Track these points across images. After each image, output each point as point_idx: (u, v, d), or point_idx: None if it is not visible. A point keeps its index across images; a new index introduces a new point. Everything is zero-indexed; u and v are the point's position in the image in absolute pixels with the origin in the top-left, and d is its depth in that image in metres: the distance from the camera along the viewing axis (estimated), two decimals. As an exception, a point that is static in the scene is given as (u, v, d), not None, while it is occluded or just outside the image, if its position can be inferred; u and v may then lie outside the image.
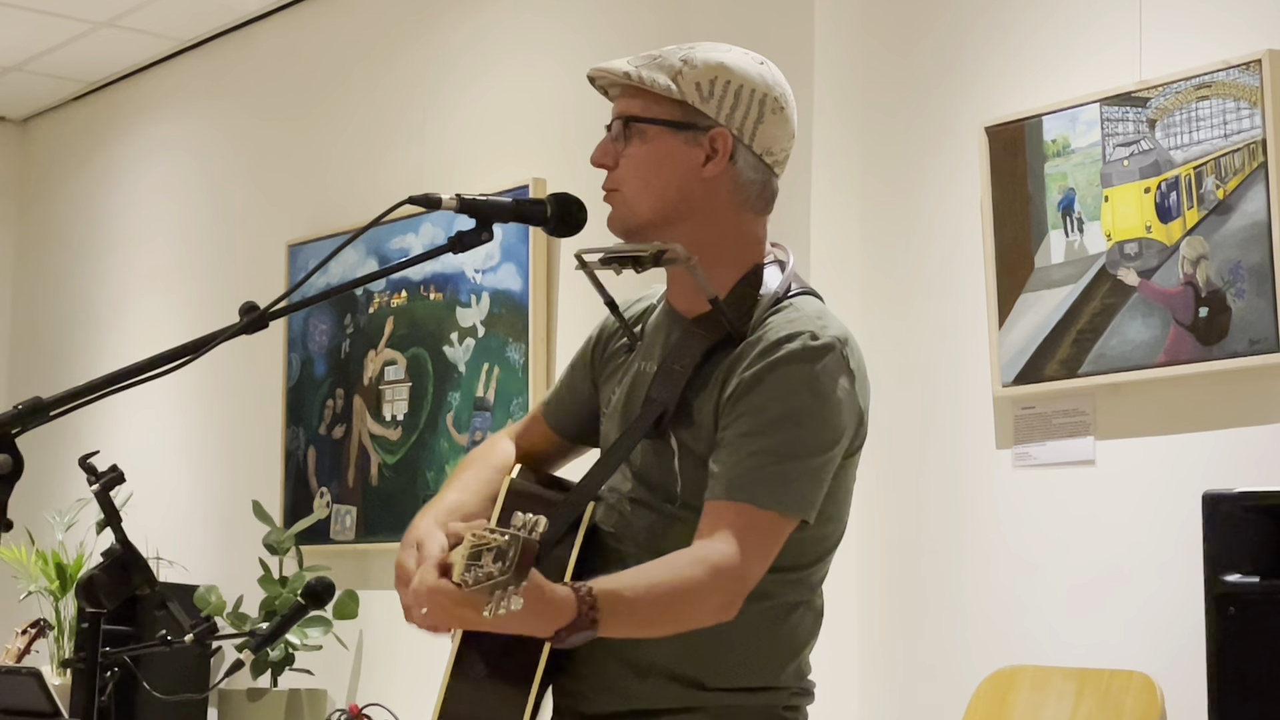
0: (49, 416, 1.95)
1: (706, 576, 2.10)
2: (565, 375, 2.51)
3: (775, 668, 2.27)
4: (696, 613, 2.12)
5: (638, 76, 2.26)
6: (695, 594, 2.10)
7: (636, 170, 2.28)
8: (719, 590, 2.12)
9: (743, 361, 2.22)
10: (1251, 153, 3.38)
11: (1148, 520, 3.55)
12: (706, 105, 2.25)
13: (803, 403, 2.18)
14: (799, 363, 2.19)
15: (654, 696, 2.24)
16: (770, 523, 2.16)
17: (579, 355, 2.50)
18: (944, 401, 3.95)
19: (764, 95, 2.27)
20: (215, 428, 6.15)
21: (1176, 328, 3.48)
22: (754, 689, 2.26)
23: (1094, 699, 3.35)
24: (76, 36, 6.41)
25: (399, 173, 5.42)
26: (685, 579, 2.09)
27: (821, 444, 2.19)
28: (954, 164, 3.96)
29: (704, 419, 2.23)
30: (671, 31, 4.54)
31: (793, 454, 2.17)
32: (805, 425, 2.18)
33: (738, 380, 2.21)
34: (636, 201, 2.28)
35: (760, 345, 2.22)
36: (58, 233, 7.25)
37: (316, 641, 5.01)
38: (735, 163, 2.27)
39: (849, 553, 3.96)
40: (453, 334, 5.14)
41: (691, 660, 2.23)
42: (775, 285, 2.30)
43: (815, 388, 2.19)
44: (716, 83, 2.26)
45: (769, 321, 2.25)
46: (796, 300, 2.30)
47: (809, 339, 2.21)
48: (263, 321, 2.08)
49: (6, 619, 5.89)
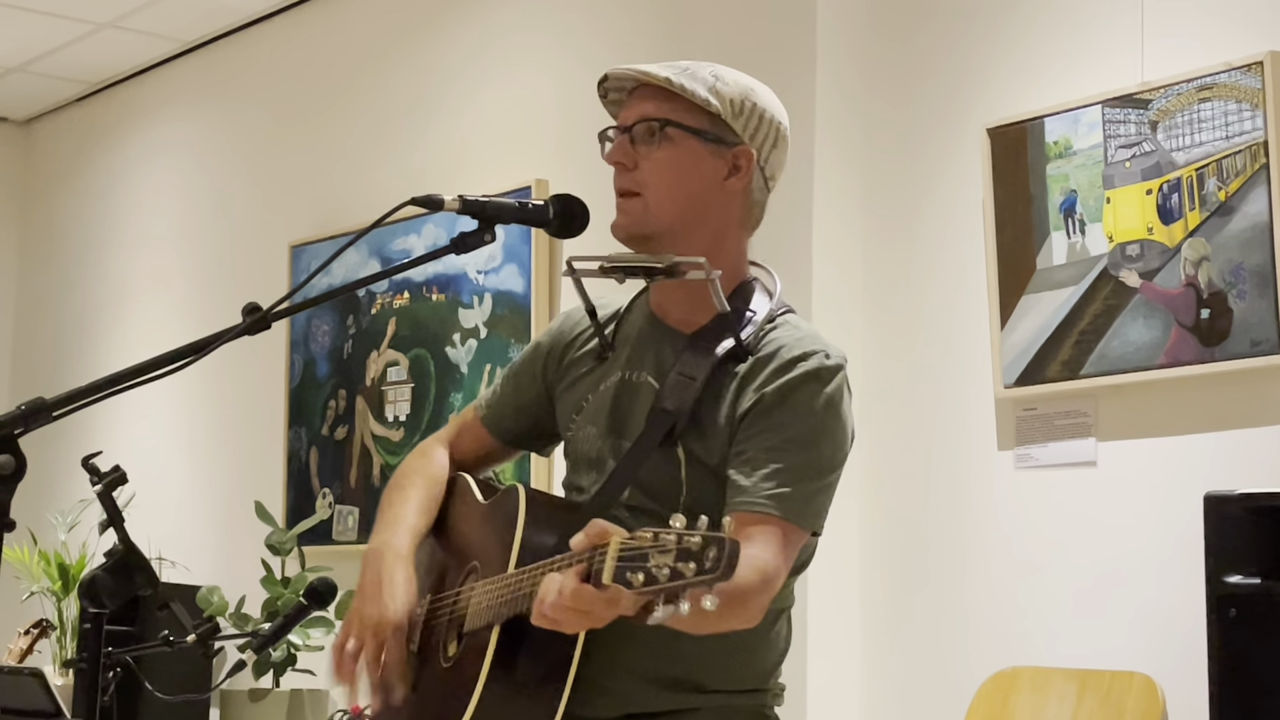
0: (52, 417, 1.95)
1: (759, 582, 2.13)
2: (506, 381, 2.55)
3: (766, 671, 2.35)
4: (743, 615, 2.14)
5: (679, 84, 2.30)
6: (748, 597, 2.12)
7: (662, 174, 2.30)
8: (764, 597, 2.16)
9: (757, 376, 2.26)
10: (1253, 154, 3.38)
11: (1149, 521, 3.55)
12: (736, 122, 2.31)
13: (822, 423, 2.24)
14: (817, 382, 2.25)
15: (656, 700, 2.27)
16: (798, 537, 2.22)
17: (525, 362, 2.53)
18: (945, 403, 3.95)
19: (779, 124, 2.36)
20: (218, 428, 6.15)
21: (1178, 329, 3.48)
22: (747, 690, 2.32)
23: (1095, 700, 3.36)
24: (79, 38, 6.41)
25: (401, 174, 5.42)
26: (744, 582, 2.08)
27: (835, 462, 2.26)
28: (956, 165, 3.97)
29: (716, 430, 2.26)
30: (674, 35, 4.55)
31: (816, 472, 2.22)
32: (823, 444, 2.24)
33: (756, 395, 2.25)
34: (660, 206, 2.31)
35: (775, 362, 2.26)
36: (60, 234, 7.25)
37: (319, 642, 5.01)
38: (751, 181, 2.34)
39: (851, 554, 3.97)
40: (455, 335, 5.14)
41: (696, 666, 2.27)
42: (764, 302, 2.35)
43: (831, 408, 2.25)
44: (745, 103, 2.32)
45: (772, 337, 2.30)
46: (789, 317, 2.36)
47: (824, 358, 2.27)
48: (265, 322, 2.09)
49: (9, 619, 5.89)
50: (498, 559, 2.28)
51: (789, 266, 3.18)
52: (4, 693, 4.85)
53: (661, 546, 1.82)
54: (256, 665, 4.94)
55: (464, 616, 2.30)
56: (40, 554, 5.75)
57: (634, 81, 2.35)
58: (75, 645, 5.61)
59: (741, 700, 2.31)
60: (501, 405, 2.55)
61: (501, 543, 2.29)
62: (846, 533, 3.96)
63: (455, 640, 2.32)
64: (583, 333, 2.48)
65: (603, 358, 2.42)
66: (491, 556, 2.31)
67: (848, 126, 4.15)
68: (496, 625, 2.19)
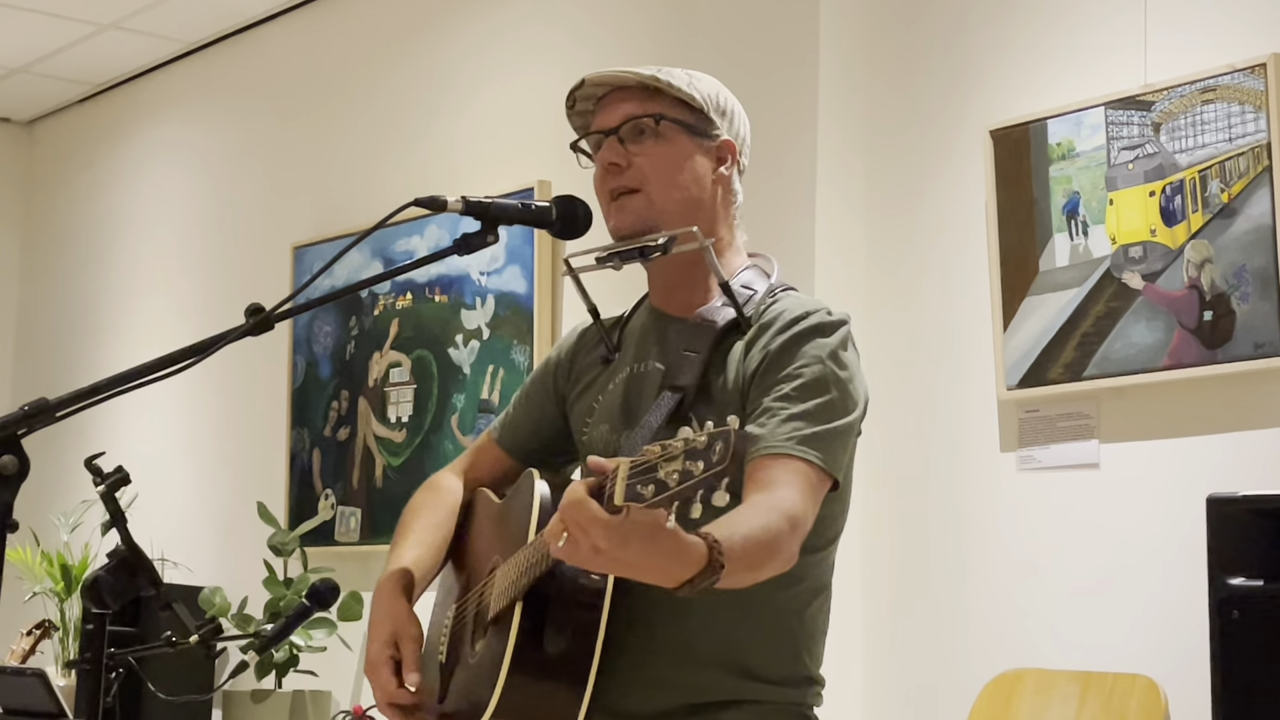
0: (55, 418, 1.95)
1: (787, 525, 2.12)
2: (521, 401, 2.57)
3: (806, 654, 2.33)
4: (777, 561, 2.12)
5: (665, 81, 2.34)
6: (779, 542, 2.11)
7: (659, 168, 2.34)
8: (795, 538, 2.14)
9: (762, 338, 2.29)
10: (1256, 156, 3.38)
11: (1152, 523, 3.55)
12: (716, 116, 2.38)
13: (830, 370, 2.26)
14: (822, 334, 2.28)
15: (707, 689, 2.26)
16: (819, 478, 2.20)
17: (536, 379, 2.56)
18: (948, 404, 3.95)
19: (746, 123, 2.44)
20: (220, 429, 6.15)
21: (1181, 331, 3.48)
22: (789, 680, 2.30)
23: (1098, 702, 3.35)
24: (82, 38, 6.42)
25: (404, 175, 5.42)
26: (772, 527, 2.09)
27: (847, 408, 2.27)
28: (959, 167, 3.97)
29: (726, 397, 2.28)
30: (676, 36, 4.55)
31: (828, 417, 2.23)
32: (834, 391, 2.25)
33: (764, 353, 2.27)
34: (663, 198, 2.34)
35: (779, 322, 2.29)
36: (63, 235, 7.25)
37: (321, 643, 5.01)
38: (734, 173, 2.41)
39: (854, 556, 3.97)
40: (457, 336, 5.14)
41: (740, 648, 2.26)
42: (763, 282, 2.38)
43: (838, 357, 2.28)
44: (720, 97, 2.40)
45: (774, 307, 2.33)
46: (789, 292, 2.39)
47: (825, 314, 2.30)
48: (268, 323, 2.09)
49: (11, 620, 5.89)
50: (519, 538, 2.28)
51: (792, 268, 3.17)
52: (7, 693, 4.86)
53: (669, 454, 1.82)
54: (259, 666, 4.94)
55: (487, 609, 2.31)
56: (43, 554, 5.75)
57: (607, 87, 2.38)
58: (78, 646, 5.60)
59: (783, 694, 2.29)
60: (516, 425, 2.56)
61: (520, 523, 2.30)
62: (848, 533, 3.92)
63: (480, 635, 2.32)
64: (589, 340, 2.51)
65: (609, 360, 2.45)
66: (512, 540, 2.31)
67: (850, 128, 4.15)
68: (519, 601, 2.19)
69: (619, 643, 2.19)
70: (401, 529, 2.52)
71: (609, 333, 2.47)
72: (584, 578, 2.17)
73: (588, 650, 2.17)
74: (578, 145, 2.43)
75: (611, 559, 1.90)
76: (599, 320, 2.47)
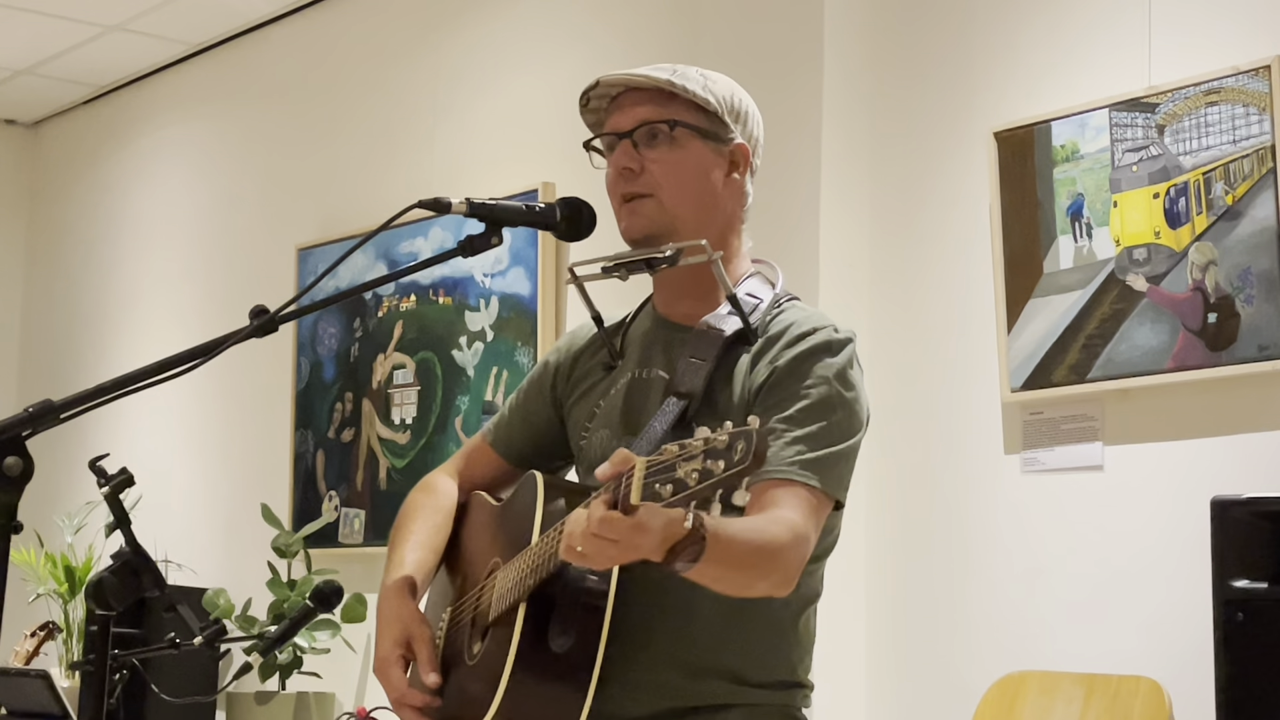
0: (59, 419, 1.95)
1: (789, 539, 2.12)
2: (516, 403, 2.56)
3: (796, 662, 2.34)
4: (773, 573, 2.13)
5: (680, 85, 2.33)
6: (777, 553, 2.11)
7: (672, 173, 2.33)
8: (795, 556, 2.14)
9: (768, 352, 2.29)
10: (1260, 158, 3.38)
11: (1156, 526, 3.54)
12: (731, 119, 2.36)
13: (836, 391, 2.26)
14: (829, 353, 2.28)
15: (689, 692, 2.26)
16: (822, 502, 2.21)
17: (533, 382, 2.54)
18: (952, 406, 3.95)
19: (761, 123, 2.43)
20: (224, 431, 6.16)
21: (1185, 333, 3.48)
22: (780, 685, 2.32)
23: (1102, 704, 3.35)
24: (87, 40, 6.42)
25: (408, 177, 5.42)
26: (772, 535, 2.10)
27: (851, 429, 2.27)
28: (963, 169, 3.96)
29: (731, 409, 2.27)
30: (681, 38, 4.55)
31: (832, 439, 2.23)
32: (840, 412, 2.26)
33: (770, 368, 2.27)
34: (676, 204, 2.33)
35: (786, 337, 2.29)
36: (68, 236, 7.26)
37: (324, 645, 5.02)
38: (747, 177, 2.40)
39: (857, 557, 3.97)
40: (461, 338, 5.14)
41: (735, 656, 2.27)
42: (768, 291, 2.38)
43: (844, 378, 2.28)
44: (735, 100, 2.38)
45: (780, 318, 2.33)
46: (794, 303, 2.39)
47: (833, 331, 2.30)
48: (272, 325, 2.09)
49: (16, 622, 5.89)
50: (520, 540, 2.27)
51: (796, 271, 3.18)
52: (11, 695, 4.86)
53: (688, 454, 1.81)
54: (263, 668, 4.94)
55: (487, 610, 2.30)
56: (47, 556, 5.76)
57: (622, 87, 2.37)
58: (82, 647, 5.61)
59: (773, 697, 2.30)
60: (510, 427, 2.56)
61: (522, 526, 2.29)
62: (853, 536, 3.94)
63: (480, 638, 2.31)
64: (590, 345, 2.50)
65: (611, 366, 2.44)
66: (513, 542, 2.30)
67: (854, 130, 4.15)
68: (522, 603, 2.18)
69: (618, 648, 2.19)
70: (399, 530, 2.51)
71: (611, 338, 2.46)
72: (589, 581, 2.17)
73: (590, 653, 2.17)
74: (591, 144, 2.41)
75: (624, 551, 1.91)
76: (602, 327, 2.46)
